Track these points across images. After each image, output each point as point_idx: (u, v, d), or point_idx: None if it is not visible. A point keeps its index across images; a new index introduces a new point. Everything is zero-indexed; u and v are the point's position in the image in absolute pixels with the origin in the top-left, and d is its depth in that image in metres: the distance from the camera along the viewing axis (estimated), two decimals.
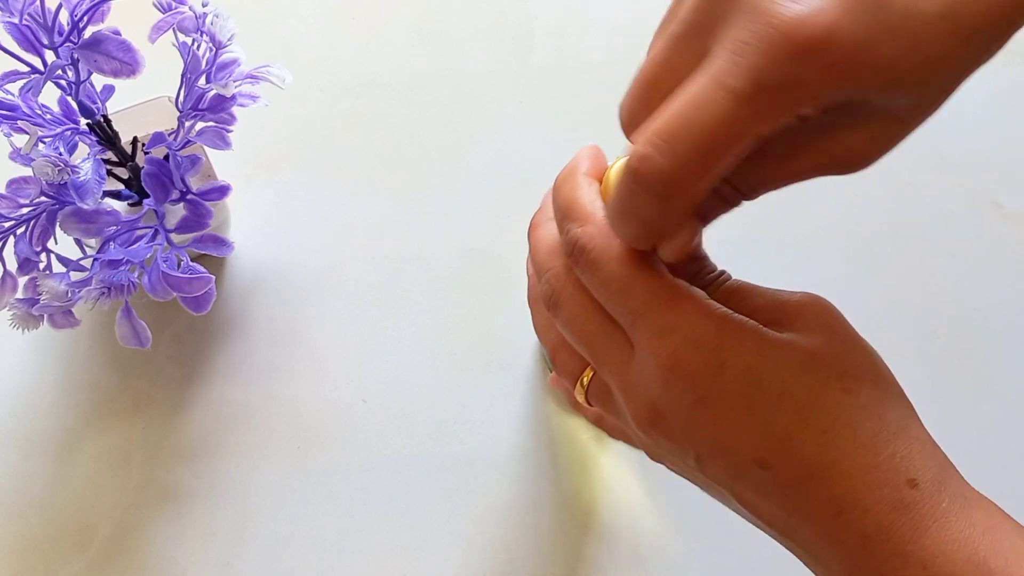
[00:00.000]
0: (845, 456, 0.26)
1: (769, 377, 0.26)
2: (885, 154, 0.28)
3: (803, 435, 0.26)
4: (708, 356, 0.27)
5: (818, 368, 0.27)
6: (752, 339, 0.27)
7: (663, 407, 0.28)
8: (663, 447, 0.30)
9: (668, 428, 0.29)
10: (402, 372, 0.49)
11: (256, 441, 0.47)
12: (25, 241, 0.39)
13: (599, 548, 0.44)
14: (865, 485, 0.26)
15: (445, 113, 0.57)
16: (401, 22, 0.60)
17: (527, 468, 0.46)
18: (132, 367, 0.49)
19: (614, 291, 0.28)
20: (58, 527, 0.45)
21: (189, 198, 0.42)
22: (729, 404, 0.27)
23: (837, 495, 0.26)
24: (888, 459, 0.26)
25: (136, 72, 0.38)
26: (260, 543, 0.45)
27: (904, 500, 0.25)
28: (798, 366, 0.27)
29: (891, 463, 0.26)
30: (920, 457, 0.26)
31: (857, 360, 0.28)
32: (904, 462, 0.26)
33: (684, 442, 0.29)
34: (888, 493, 0.26)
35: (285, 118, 0.56)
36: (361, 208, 0.54)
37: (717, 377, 0.27)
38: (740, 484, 0.28)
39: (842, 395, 0.26)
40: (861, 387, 0.27)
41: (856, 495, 0.26)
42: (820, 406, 0.26)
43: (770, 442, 0.27)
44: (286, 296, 0.51)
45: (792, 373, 0.27)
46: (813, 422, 0.26)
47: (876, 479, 0.26)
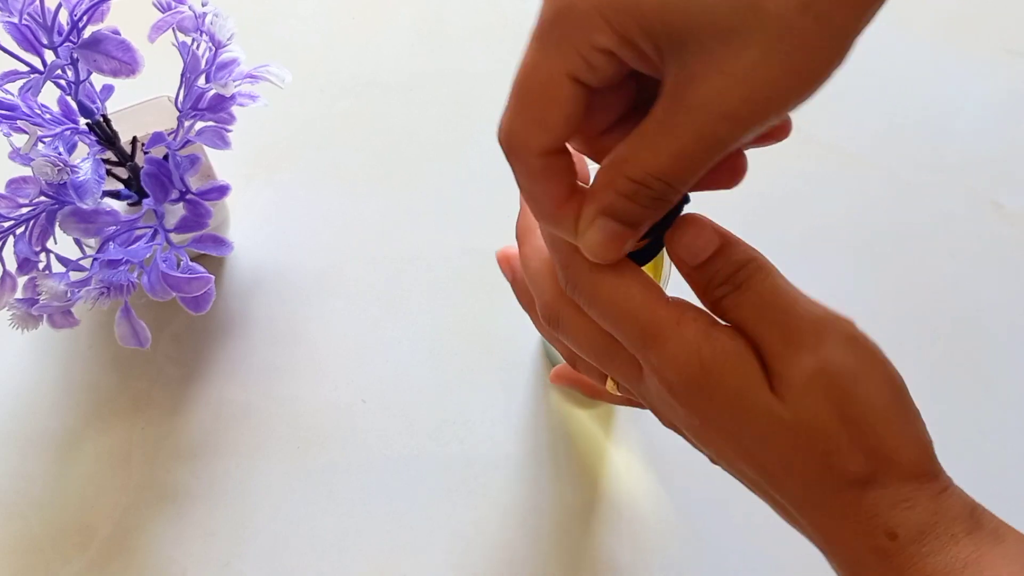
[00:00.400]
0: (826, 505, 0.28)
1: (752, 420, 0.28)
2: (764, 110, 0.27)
3: (787, 481, 0.28)
4: (698, 394, 0.28)
5: (801, 447, 0.28)
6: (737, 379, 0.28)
7: (678, 421, 0.30)
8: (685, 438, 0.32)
9: (685, 435, 0.31)
10: (402, 372, 0.49)
11: (256, 441, 0.47)
12: (24, 241, 0.39)
13: (599, 548, 0.44)
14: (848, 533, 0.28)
15: (445, 113, 0.57)
16: (401, 22, 0.60)
17: (527, 468, 0.46)
18: (132, 367, 0.49)
19: (610, 325, 0.29)
20: (58, 527, 0.45)
21: (188, 198, 0.42)
22: (726, 436, 0.29)
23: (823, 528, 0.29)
24: (868, 520, 0.28)
25: (136, 72, 0.38)
26: (260, 543, 0.45)
27: (884, 548, 0.28)
28: (781, 438, 0.28)
29: (871, 523, 0.28)
30: (903, 515, 0.28)
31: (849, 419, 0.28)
32: (883, 519, 0.28)
33: (699, 446, 0.31)
34: (868, 540, 0.28)
35: (285, 118, 0.56)
36: (361, 208, 0.54)
37: (713, 410, 0.28)
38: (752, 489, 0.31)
39: (824, 457, 0.27)
40: (840, 450, 0.28)
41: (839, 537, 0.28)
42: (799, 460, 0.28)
43: (760, 473, 0.29)
44: (286, 296, 0.51)
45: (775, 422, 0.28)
46: (795, 471, 0.28)
47: (857, 529, 0.28)
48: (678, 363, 0.28)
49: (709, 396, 0.28)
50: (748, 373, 0.28)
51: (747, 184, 0.52)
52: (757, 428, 0.28)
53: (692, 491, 0.46)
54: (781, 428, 0.28)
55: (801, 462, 0.28)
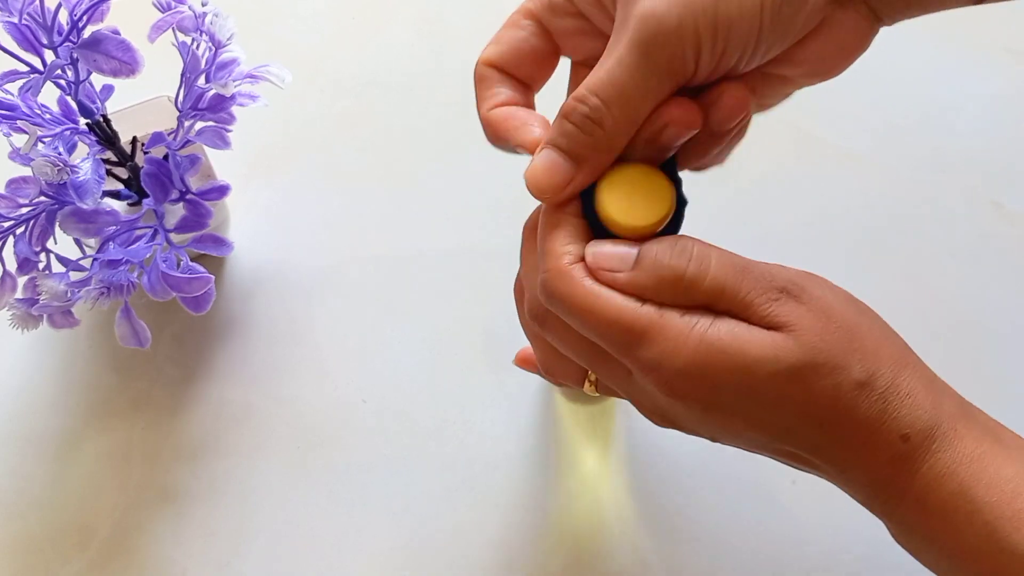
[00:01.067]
0: (844, 437, 0.29)
1: (762, 388, 0.28)
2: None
3: (804, 428, 0.29)
4: (699, 381, 0.28)
5: (807, 373, 0.28)
6: (735, 357, 0.28)
7: (672, 414, 0.31)
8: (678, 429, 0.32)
9: (680, 425, 0.31)
10: (402, 372, 0.49)
11: (256, 441, 0.47)
12: (24, 241, 0.39)
13: (600, 548, 0.44)
14: (865, 453, 0.29)
15: (445, 113, 0.57)
16: (401, 22, 0.60)
17: (527, 468, 0.46)
18: (132, 367, 0.49)
19: (592, 334, 0.30)
20: (58, 527, 0.45)
21: (189, 198, 0.42)
22: (731, 413, 0.29)
23: (840, 460, 0.30)
24: (880, 427, 0.29)
25: (135, 72, 0.38)
26: (260, 543, 0.45)
27: (899, 453, 0.29)
28: (786, 375, 0.28)
29: (884, 429, 0.29)
30: (910, 412, 0.29)
31: (845, 346, 0.29)
32: (895, 423, 0.29)
33: (697, 431, 0.31)
34: (884, 453, 0.29)
35: (285, 118, 0.56)
36: (361, 208, 0.54)
37: (714, 395, 0.29)
38: (756, 451, 0.31)
39: (834, 391, 0.28)
40: (850, 374, 0.29)
41: (857, 460, 0.29)
42: (814, 403, 0.29)
43: (775, 434, 0.29)
44: (286, 296, 0.51)
45: (782, 381, 0.28)
46: (811, 417, 0.29)
47: (873, 445, 0.29)
48: (671, 357, 0.28)
49: (711, 381, 0.28)
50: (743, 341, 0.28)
51: (747, 183, 0.52)
52: (767, 393, 0.28)
53: (693, 492, 0.46)
54: (790, 380, 0.28)
55: (814, 403, 0.28)
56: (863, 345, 0.29)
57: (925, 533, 0.30)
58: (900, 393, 0.29)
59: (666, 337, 0.28)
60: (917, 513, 0.29)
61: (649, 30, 0.27)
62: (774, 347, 0.28)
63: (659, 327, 0.28)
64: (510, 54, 0.33)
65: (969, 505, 0.28)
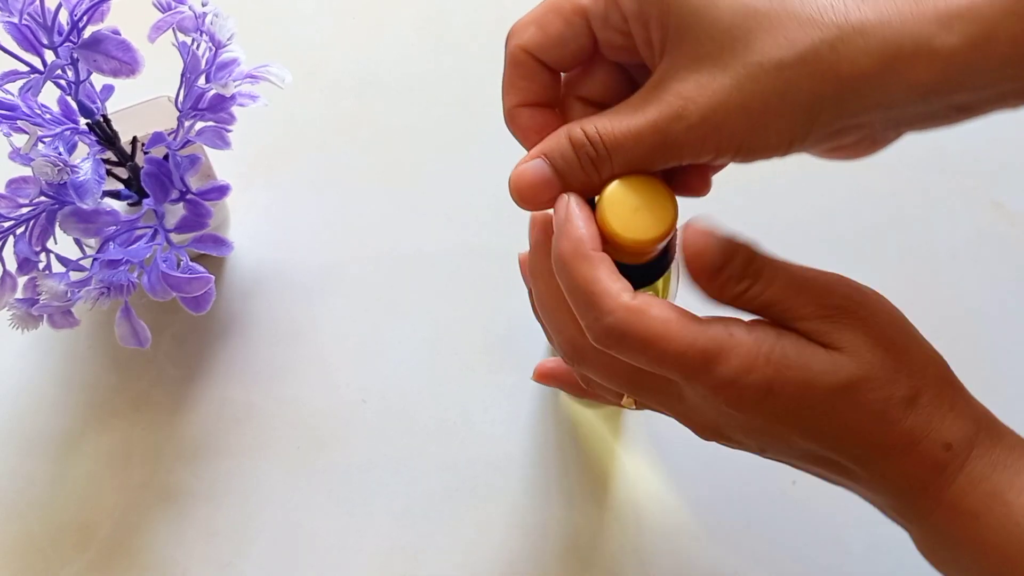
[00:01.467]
0: (889, 446, 0.31)
1: (819, 399, 0.30)
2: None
3: (852, 437, 0.30)
4: (767, 395, 0.30)
5: (860, 386, 0.30)
6: (801, 372, 0.30)
7: (728, 428, 0.32)
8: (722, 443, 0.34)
9: (728, 439, 0.33)
10: (403, 372, 0.49)
11: (257, 441, 0.47)
12: (25, 241, 0.39)
13: (602, 548, 0.44)
14: (907, 462, 0.31)
15: (445, 113, 0.57)
16: (401, 22, 0.60)
17: (529, 468, 0.46)
18: (132, 367, 0.49)
19: (667, 366, 0.30)
20: (58, 527, 0.45)
21: (189, 198, 0.42)
22: (790, 424, 0.31)
23: (882, 467, 0.31)
24: (925, 438, 0.30)
25: (136, 72, 0.38)
26: (261, 543, 0.45)
27: (940, 462, 0.30)
28: (842, 387, 0.30)
29: (928, 439, 0.30)
30: (952, 423, 0.31)
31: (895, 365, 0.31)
32: (938, 434, 0.31)
33: (745, 445, 0.33)
34: (926, 461, 0.30)
35: (285, 118, 0.56)
36: (361, 208, 0.54)
37: (778, 406, 0.30)
38: (800, 467, 0.33)
39: (884, 404, 0.30)
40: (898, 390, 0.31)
41: (899, 467, 0.31)
42: (864, 415, 0.30)
43: (824, 443, 0.31)
44: (286, 296, 0.51)
45: (838, 393, 0.30)
46: (861, 427, 0.30)
47: (917, 454, 0.30)
48: (746, 374, 0.30)
49: (777, 393, 0.30)
50: (807, 357, 0.30)
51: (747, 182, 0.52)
52: (823, 404, 0.30)
53: (695, 493, 0.46)
54: (844, 393, 0.30)
55: (864, 415, 0.30)
56: (911, 363, 0.31)
57: (956, 536, 0.31)
58: (943, 407, 0.31)
59: (739, 355, 0.30)
60: (950, 517, 0.30)
61: (679, 126, 0.29)
62: (832, 363, 0.30)
63: (731, 346, 0.30)
64: (552, 46, 0.32)
65: (1002, 507, 0.30)
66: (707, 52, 0.28)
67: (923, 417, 0.31)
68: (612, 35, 0.31)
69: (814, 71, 0.28)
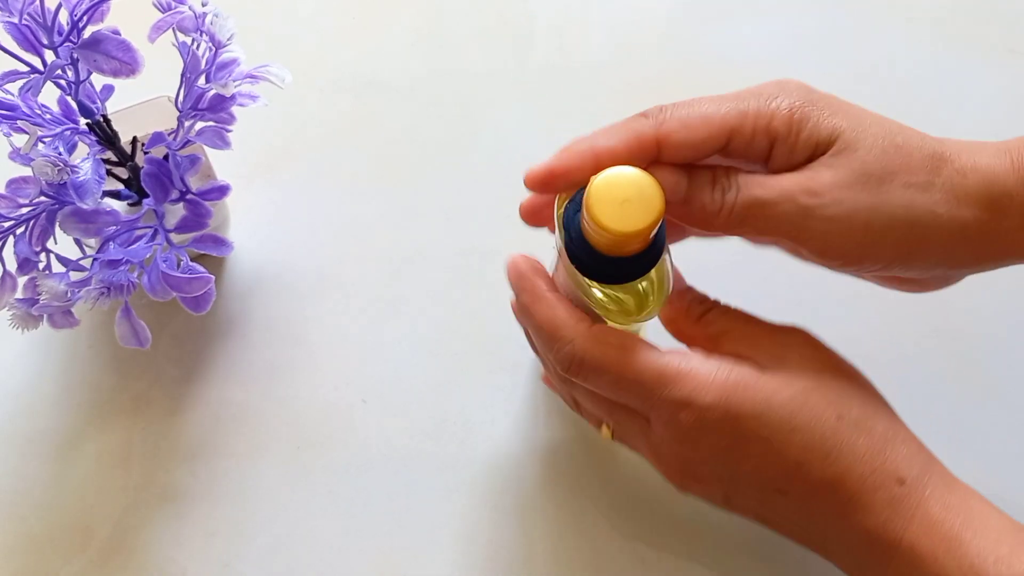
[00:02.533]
0: (846, 471, 0.31)
1: (776, 419, 0.31)
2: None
3: (811, 462, 0.31)
4: (721, 416, 0.31)
5: (814, 403, 0.31)
6: (758, 393, 0.31)
7: (690, 462, 0.33)
8: (692, 490, 0.35)
9: (696, 477, 0.34)
10: (402, 372, 0.49)
11: (256, 441, 0.47)
12: (25, 241, 0.39)
13: (600, 549, 0.44)
14: (864, 491, 0.31)
15: (445, 113, 0.57)
16: (401, 22, 0.60)
17: (528, 468, 0.46)
18: (132, 367, 0.49)
19: (624, 389, 0.33)
20: (58, 527, 0.45)
21: (189, 198, 0.42)
22: (748, 450, 0.32)
23: (842, 502, 0.31)
24: (880, 466, 0.31)
25: (136, 72, 0.38)
26: (260, 543, 0.45)
27: (895, 497, 0.31)
28: (797, 405, 0.31)
29: (883, 468, 0.31)
30: (906, 459, 0.32)
31: (844, 387, 0.33)
32: (893, 465, 0.31)
33: (713, 485, 0.34)
34: (883, 494, 0.31)
35: (285, 118, 0.56)
36: (361, 208, 0.54)
37: (735, 428, 0.31)
38: (765, 510, 0.34)
39: (837, 422, 0.31)
40: (851, 410, 0.32)
41: (858, 500, 0.31)
42: (820, 434, 0.31)
43: (786, 472, 0.32)
44: (286, 296, 0.51)
45: (794, 411, 0.31)
46: (817, 449, 0.31)
47: (872, 484, 0.31)
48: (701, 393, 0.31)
49: (735, 415, 0.31)
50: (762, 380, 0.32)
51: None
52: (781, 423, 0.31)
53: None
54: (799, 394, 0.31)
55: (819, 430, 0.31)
56: (863, 396, 0.33)
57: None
58: (896, 440, 0.32)
59: (693, 377, 0.32)
60: (909, 561, 0.31)
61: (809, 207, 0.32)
62: (786, 380, 0.32)
63: (686, 370, 0.32)
64: (685, 148, 0.33)
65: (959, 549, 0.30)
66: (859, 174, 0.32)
67: (877, 444, 0.31)
68: (744, 150, 0.33)
69: None
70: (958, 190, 0.32)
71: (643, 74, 0.58)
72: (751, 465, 0.32)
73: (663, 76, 0.58)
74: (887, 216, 0.31)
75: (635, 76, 0.58)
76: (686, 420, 0.32)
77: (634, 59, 0.59)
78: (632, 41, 0.59)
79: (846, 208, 0.31)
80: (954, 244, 0.32)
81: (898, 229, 0.31)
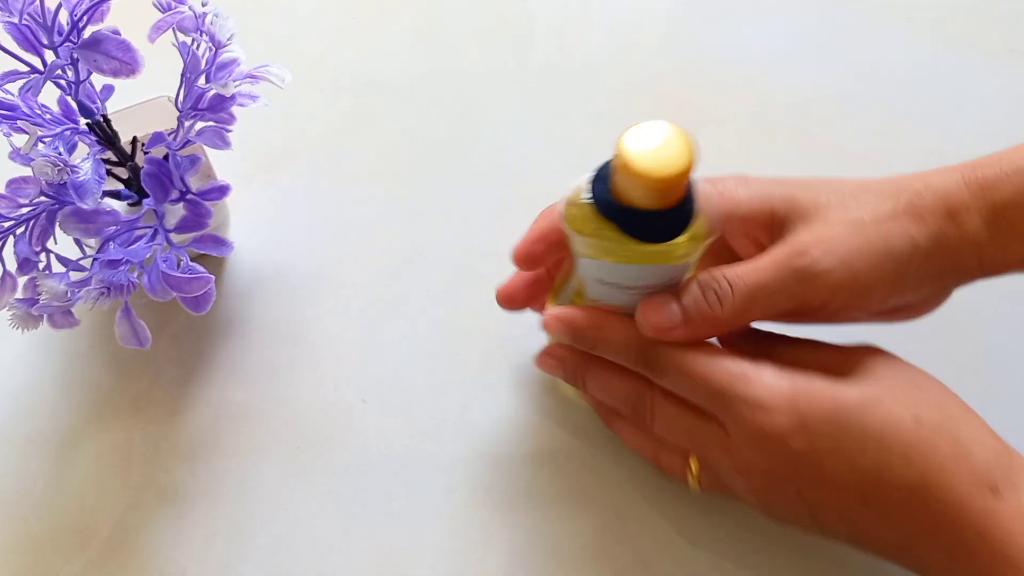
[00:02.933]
0: (930, 477, 0.30)
1: (846, 423, 0.31)
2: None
3: (890, 467, 0.30)
4: (792, 419, 0.31)
5: (888, 406, 0.31)
6: (826, 395, 0.31)
7: (770, 476, 0.33)
8: (778, 509, 0.35)
9: (779, 492, 0.34)
10: (402, 372, 0.49)
11: (256, 441, 0.47)
12: (25, 241, 0.39)
13: (602, 550, 0.44)
14: (954, 500, 0.30)
15: (445, 113, 0.57)
16: (401, 22, 0.60)
17: (528, 468, 0.46)
18: (132, 367, 0.49)
19: (699, 383, 0.34)
20: (58, 527, 0.45)
21: (189, 198, 0.42)
22: (822, 455, 0.31)
23: (932, 512, 0.30)
24: (969, 473, 0.30)
25: (136, 72, 0.38)
26: (260, 543, 0.45)
27: (990, 508, 0.29)
28: (871, 408, 0.31)
29: (973, 475, 0.30)
30: (998, 465, 0.30)
31: (920, 391, 0.32)
32: (984, 472, 0.30)
33: (795, 502, 0.33)
34: (976, 503, 0.29)
35: (285, 118, 0.56)
36: (361, 208, 0.54)
37: (807, 434, 0.31)
38: (851, 527, 0.33)
39: (915, 424, 0.30)
40: (930, 413, 0.31)
41: (948, 510, 0.30)
42: (898, 438, 0.30)
43: (864, 480, 0.31)
44: (286, 296, 0.51)
45: (865, 414, 0.31)
46: (896, 453, 0.30)
47: (963, 493, 0.30)
48: (772, 396, 0.32)
49: (809, 422, 0.31)
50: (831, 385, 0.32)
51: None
52: (857, 426, 0.31)
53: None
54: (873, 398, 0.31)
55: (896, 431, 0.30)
56: (942, 399, 0.33)
57: None
58: (985, 445, 0.31)
59: (764, 380, 0.32)
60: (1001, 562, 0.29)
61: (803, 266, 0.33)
62: (857, 385, 0.32)
63: (756, 373, 0.33)
64: None
65: None
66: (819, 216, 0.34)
67: (962, 448, 0.30)
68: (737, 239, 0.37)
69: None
70: (920, 209, 0.34)
71: (643, 74, 0.58)
72: (828, 474, 0.31)
73: (663, 76, 0.58)
74: (873, 248, 0.33)
75: (635, 76, 0.58)
76: (757, 422, 0.32)
77: (634, 59, 0.59)
78: (632, 41, 0.59)
79: (838, 253, 0.32)
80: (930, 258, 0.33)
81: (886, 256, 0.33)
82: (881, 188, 0.35)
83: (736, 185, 0.36)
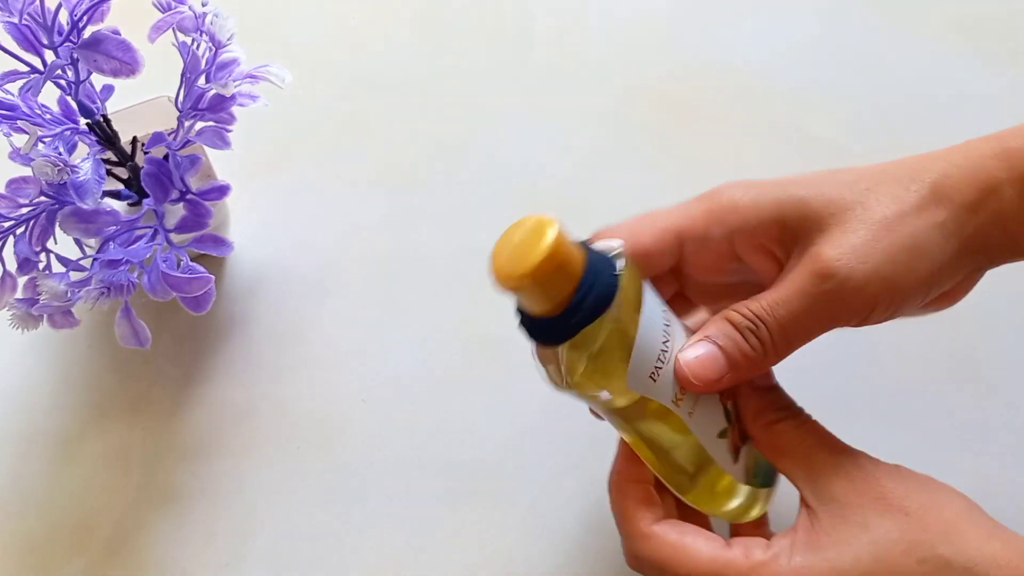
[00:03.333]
0: None
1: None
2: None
3: None
4: None
5: (884, 554, 0.30)
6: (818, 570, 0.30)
7: None
8: None
9: None
10: (402, 372, 0.49)
11: (256, 441, 0.47)
12: (25, 241, 0.39)
13: (601, 550, 0.44)
14: None
15: (445, 113, 0.57)
16: (401, 22, 0.60)
17: (528, 468, 0.46)
18: (132, 367, 0.49)
19: None
20: (58, 527, 0.45)
21: (189, 198, 0.42)
22: None
23: None
24: None
25: (136, 72, 0.38)
26: (260, 543, 0.45)
27: None
28: (867, 565, 0.29)
29: None
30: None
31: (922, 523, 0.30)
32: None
33: None
34: None
35: (285, 118, 0.56)
36: (361, 208, 0.54)
37: None
38: None
39: (919, 567, 0.29)
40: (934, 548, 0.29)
41: None
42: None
43: None
44: (286, 296, 0.51)
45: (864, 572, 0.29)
46: None
47: None
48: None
49: None
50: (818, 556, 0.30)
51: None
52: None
53: None
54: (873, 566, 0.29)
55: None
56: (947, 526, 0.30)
57: None
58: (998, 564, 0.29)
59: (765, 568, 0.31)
60: None
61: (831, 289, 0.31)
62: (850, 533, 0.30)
63: (743, 565, 0.31)
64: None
65: None
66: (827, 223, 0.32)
67: None
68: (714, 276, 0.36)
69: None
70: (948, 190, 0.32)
71: (643, 74, 0.58)
72: None
73: (663, 76, 0.58)
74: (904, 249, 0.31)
75: (635, 76, 0.58)
76: None
77: (634, 59, 0.59)
78: (632, 41, 0.59)
79: (868, 264, 0.31)
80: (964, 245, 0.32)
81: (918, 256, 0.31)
82: (900, 172, 0.33)
83: (740, 194, 0.34)
